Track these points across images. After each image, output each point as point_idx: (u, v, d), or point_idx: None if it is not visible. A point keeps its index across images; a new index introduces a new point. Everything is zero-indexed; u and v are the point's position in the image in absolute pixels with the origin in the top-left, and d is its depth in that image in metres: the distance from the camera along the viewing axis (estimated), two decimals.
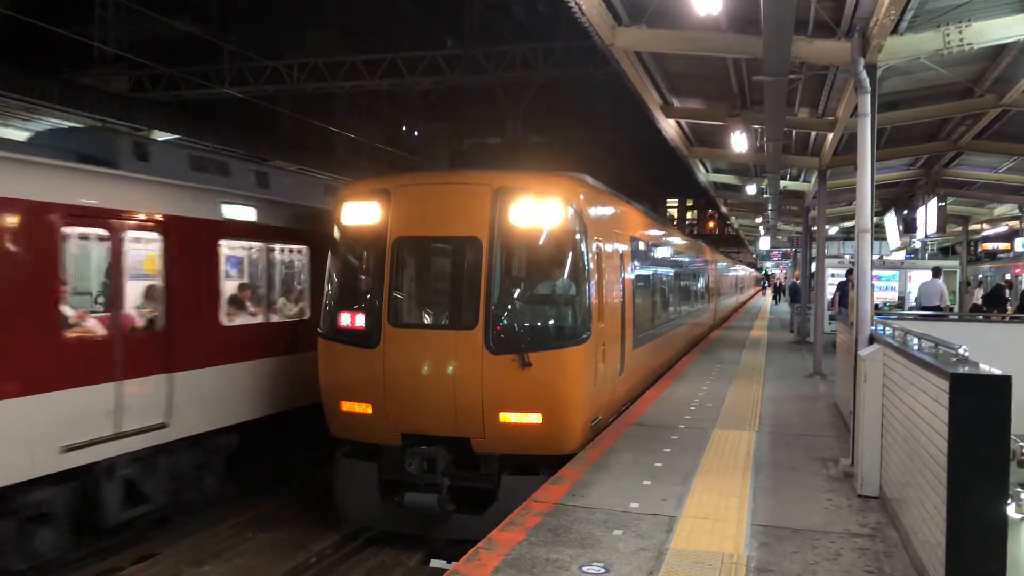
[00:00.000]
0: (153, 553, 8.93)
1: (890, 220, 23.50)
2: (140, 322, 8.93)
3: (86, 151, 9.00)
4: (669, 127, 14.50)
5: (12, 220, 7.28)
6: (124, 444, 8.39)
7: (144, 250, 9.20)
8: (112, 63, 28.48)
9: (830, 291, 20.50)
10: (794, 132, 14.65)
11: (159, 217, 8.98)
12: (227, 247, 10.18)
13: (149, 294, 9.09)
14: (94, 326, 8.32)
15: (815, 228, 18.45)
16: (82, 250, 8.80)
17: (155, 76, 27.82)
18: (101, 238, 8.49)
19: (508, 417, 8.48)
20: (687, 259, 20.19)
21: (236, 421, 10.08)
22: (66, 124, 15.55)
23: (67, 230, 7.87)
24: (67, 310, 7.95)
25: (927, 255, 28.57)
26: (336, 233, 9.48)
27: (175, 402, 9.00)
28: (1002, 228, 30.22)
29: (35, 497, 7.62)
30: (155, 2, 25.69)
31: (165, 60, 26.50)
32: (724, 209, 33.43)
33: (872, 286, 8.25)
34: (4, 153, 7.66)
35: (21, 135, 12.09)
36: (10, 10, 15.91)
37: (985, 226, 29.87)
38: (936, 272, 18.25)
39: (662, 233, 16.43)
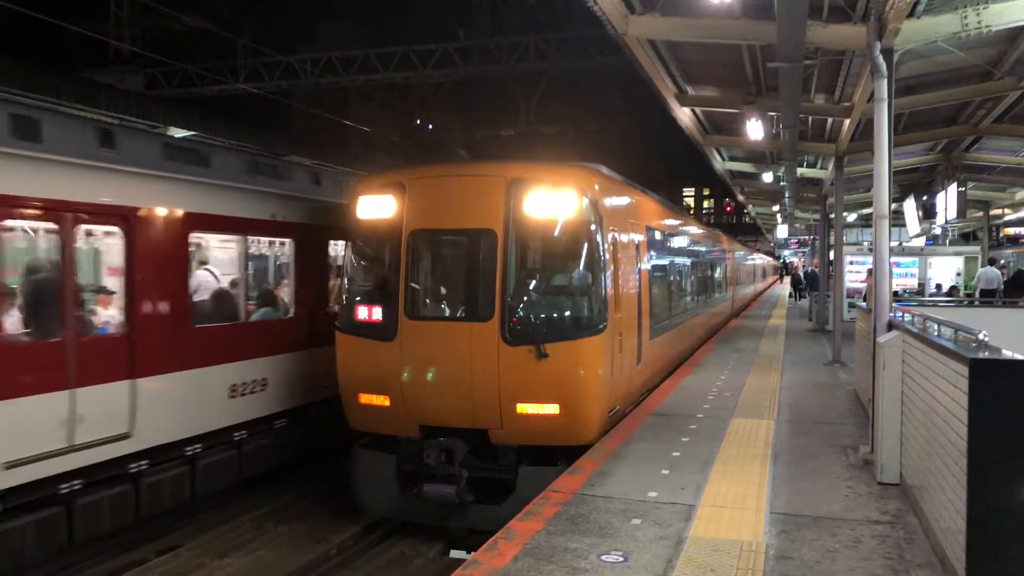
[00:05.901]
0: (176, 546, 9.03)
1: (909, 206, 23.30)
2: None
3: None
4: (684, 115, 14.42)
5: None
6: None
7: None
8: (128, 60, 28.63)
9: (849, 278, 20.45)
10: (810, 118, 14.52)
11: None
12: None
13: None
14: None
15: (833, 215, 18.31)
16: None
17: (170, 73, 27.97)
18: None
19: (525, 408, 8.49)
20: (704, 248, 20.10)
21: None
22: None
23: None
24: None
25: (948, 241, 28.28)
26: (351, 227, 9.51)
27: None
28: None
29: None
30: None
31: (179, 57, 26.64)
32: (741, 197, 33.20)
33: (891, 273, 8.19)
34: None
35: None
36: (26, 8, 15.99)
37: (1007, 211, 29.48)
38: (992, 261, 22.00)
39: (678, 222, 16.36)
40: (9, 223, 7.49)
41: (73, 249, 7.95)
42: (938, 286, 22.53)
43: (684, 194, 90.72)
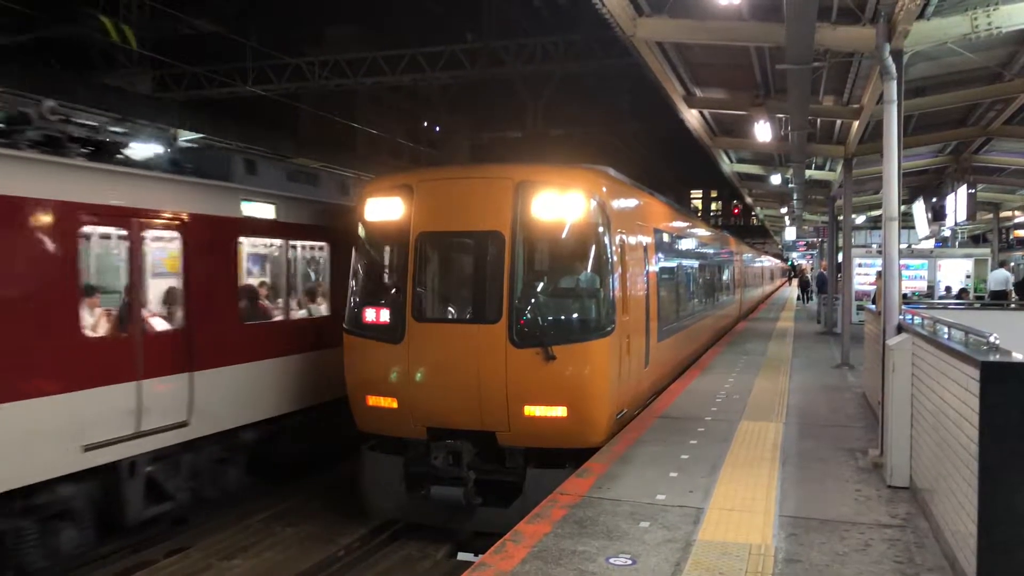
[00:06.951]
0: (184, 547, 9.05)
1: (918, 208, 23.20)
2: None
3: None
4: (692, 117, 14.41)
5: None
6: None
7: None
8: (136, 63, 28.74)
9: (858, 281, 20.39)
10: (819, 120, 14.49)
11: None
12: None
13: None
14: None
15: (841, 217, 18.25)
16: None
17: (178, 76, 28.07)
18: None
19: (533, 410, 8.48)
20: (712, 250, 20.06)
21: None
22: None
23: None
24: None
25: (957, 243, 28.15)
26: (359, 229, 9.53)
27: None
28: None
29: None
30: (177, 2, 25.91)
31: (188, 60, 26.73)
32: (749, 200, 33.15)
33: (900, 275, 8.16)
34: None
35: None
36: (36, 10, 16.09)
37: (1017, 213, 29.34)
38: (1002, 263, 23.29)
39: (686, 225, 16.33)
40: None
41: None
42: (947, 288, 22.43)
43: (692, 196, 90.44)
